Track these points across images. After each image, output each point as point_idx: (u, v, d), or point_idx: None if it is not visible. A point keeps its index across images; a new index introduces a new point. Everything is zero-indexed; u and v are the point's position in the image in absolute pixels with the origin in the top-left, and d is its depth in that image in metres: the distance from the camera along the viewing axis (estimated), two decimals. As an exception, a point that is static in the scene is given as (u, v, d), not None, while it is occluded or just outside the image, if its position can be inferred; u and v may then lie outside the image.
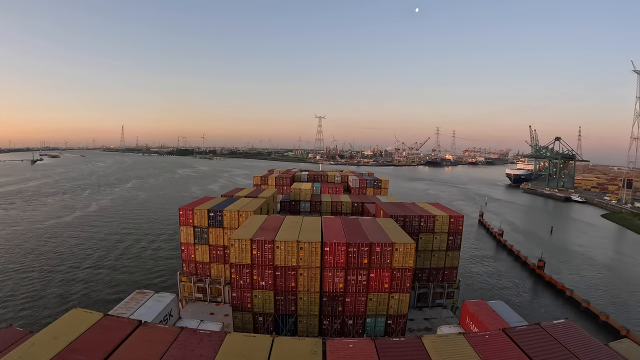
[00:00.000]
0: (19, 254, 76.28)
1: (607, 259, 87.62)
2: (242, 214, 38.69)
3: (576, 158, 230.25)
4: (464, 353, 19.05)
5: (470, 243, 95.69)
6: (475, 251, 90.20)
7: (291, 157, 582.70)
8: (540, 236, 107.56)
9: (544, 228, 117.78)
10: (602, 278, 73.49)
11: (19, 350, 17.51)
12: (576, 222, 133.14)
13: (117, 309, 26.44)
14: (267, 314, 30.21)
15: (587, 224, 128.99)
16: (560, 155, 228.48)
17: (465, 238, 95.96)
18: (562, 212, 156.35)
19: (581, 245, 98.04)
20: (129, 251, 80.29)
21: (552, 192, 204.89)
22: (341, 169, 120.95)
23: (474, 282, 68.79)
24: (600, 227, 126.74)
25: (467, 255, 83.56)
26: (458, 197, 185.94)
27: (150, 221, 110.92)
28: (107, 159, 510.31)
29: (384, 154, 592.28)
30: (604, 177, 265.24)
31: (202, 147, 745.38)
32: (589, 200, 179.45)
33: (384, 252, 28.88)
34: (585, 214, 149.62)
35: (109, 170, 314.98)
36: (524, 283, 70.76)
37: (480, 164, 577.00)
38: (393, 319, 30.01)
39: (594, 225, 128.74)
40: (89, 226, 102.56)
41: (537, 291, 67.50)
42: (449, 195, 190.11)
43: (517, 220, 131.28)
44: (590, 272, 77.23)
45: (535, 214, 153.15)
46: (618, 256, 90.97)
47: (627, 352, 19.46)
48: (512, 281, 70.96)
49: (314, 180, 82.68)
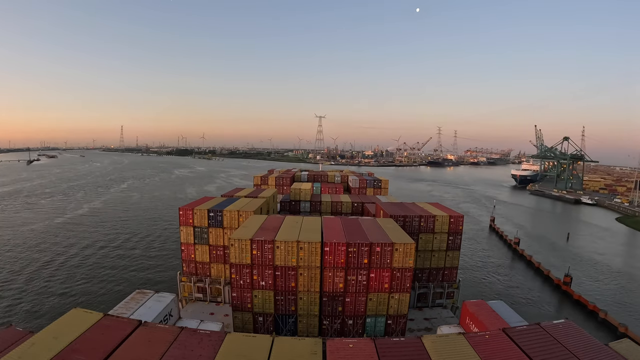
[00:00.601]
0: (17, 254, 76.28)
1: (633, 269, 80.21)
2: (242, 214, 38.68)
3: (584, 158, 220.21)
4: (464, 353, 19.04)
5: (482, 250, 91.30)
6: (488, 259, 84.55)
7: (291, 157, 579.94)
8: (556, 243, 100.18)
9: (558, 234, 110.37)
10: (635, 296, 65.38)
11: (19, 350, 17.50)
12: (591, 227, 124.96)
13: (117, 309, 26.43)
14: (267, 314, 30.19)
15: (602, 229, 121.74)
16: (568, 155, 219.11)
17: (477, 244, 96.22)
18: (574, 215, 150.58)
19: (602, 254, 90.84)
20: (129, 251, 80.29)
21: (560, 194, 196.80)
22: (342, 169, 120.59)
23: (490, 293, 62.74)
24: (617, 232, 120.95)
25: (479, 264, 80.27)
26: (464, 199, 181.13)
27: (142, 222, 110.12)
28: (105, 159, 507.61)
29: (385, 154, 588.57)
30: (609, 177, 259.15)
31: (202, 147, 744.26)
32: (599, 203, 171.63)
33: (384, 252, 28.87)
34: (598, 218, 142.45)
35: (106, 170, 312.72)
36: (549, 300, 63.60)
37: (482, 164, 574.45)
38: (393, 319, 30.00)
39: (610, 230, 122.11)
40: (84, 227, 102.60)
41: (563, 310, 59.94)
42: (453, 197, 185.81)
43: (529, 225, 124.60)
44: (618, 286, 69.74)
45: (547, 218, 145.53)
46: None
47: (627, 352, 19.45)
48: (534, 296, 64.10)
49: (314, 180, 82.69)
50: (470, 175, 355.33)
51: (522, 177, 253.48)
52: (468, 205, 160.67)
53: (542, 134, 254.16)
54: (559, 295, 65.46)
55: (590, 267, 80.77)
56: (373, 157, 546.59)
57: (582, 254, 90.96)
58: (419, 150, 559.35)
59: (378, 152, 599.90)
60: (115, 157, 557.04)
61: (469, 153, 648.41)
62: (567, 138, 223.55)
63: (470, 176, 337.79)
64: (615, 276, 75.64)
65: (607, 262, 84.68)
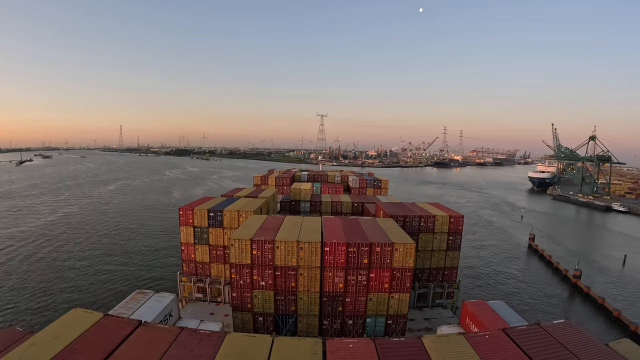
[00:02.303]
0: (14, 255, 76.21)
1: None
2: (242, 214, 38.67)
3: (612, 160, 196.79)
4: (464, 353, 19.03)
5: (530, 283, 69.61)
6: (542, 299, 62.73)
7: (292, 157, 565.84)
8: (615, 271, 78.17)
9: (611, 257, 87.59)
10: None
11: (19, 350, 17.49)
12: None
13: (117, 309, 26.42)
14: (267, 314, 30.19)
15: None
16: (595, 157, 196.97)
17: (517, 271, 75.93)
18: (611, 227, 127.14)
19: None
20: (129, 251, 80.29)
21: (587, 199, 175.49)
22: (342, 169, 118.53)
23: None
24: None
25: (531, 301, 61.29)
26: (482, 205, 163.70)
27: (121, 225, 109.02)
28: (100, 159, 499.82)
29: (389, 154, 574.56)
30: (625, 180, 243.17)
31: (203, 147, 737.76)
32: (632, 210, 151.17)
33: (384, 252, 28.87)
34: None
35: (98, 171, 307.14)
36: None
37: (489, 164, 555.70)
38: (393, 319, 29.99)
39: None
40: (79, 228, 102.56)
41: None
42: (469, 202, 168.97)
43: (572, 243, 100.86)
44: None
45: (587, 233, 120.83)
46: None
47: (627, 352, 19.45)
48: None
49: (314, 180, 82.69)
50: (480, 176, 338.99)
51: (540, 180, 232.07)
52: (489, 213, 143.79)
53: (558, 134, 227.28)
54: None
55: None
56: (377, 158, 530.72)
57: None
58: (425, 151, 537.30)
59: (382, 152, 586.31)
60: (109, 157, 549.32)
61: (475, 153, 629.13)
62: (593, 137, 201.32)
63: (480, 178, 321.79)
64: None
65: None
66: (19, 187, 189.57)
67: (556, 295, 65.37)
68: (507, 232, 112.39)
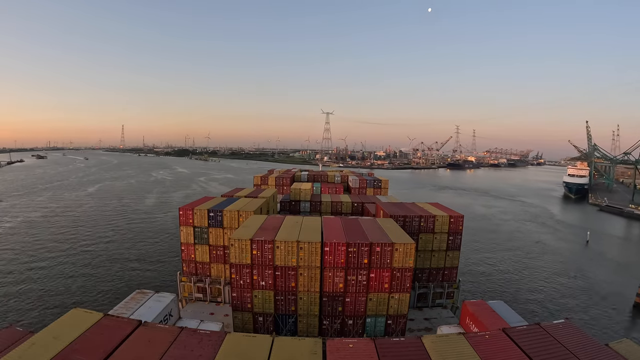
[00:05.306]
0: (12, 254, 76.27)
1: None
2: (242, 214, 38.67)
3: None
4: (464, 353, 19.03)
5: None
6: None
7: (296, 158, 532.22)
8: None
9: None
10: None
11: (19, 350, 17.49)
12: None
13: (117, 309, 26.42)
14: (267, 314, 30.18)
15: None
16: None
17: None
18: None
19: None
20: (129, 252, 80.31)
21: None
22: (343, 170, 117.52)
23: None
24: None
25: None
26: (522, 216, 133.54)
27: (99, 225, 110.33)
28: (95, 159, 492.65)
29: (398, 154, 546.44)
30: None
31: (208, 147, 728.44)
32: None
33: (384, 252, 28.85)
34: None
35: (89, 171, 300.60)
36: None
37: (503, 165, 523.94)
38: (393, 319, 29.98)
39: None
40: (77, 228, 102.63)
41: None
42: (503, 214, 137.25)
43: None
44: None
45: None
46: None
47: (627, 352, 19.45)
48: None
49: (314, 180, 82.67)
50: (500, 179, 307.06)
51: (578, 186, 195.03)
52: (534, 229, 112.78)
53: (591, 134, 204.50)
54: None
55: None
56: (386, 159, 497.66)
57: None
58: (438, 151, 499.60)
59: (391, 152, 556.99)
60: (105, 158, 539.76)
61: (488, 154, 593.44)
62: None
63: (501, 181, 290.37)
64: None
65: None
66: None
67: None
68: (576, 265, 77.16)
